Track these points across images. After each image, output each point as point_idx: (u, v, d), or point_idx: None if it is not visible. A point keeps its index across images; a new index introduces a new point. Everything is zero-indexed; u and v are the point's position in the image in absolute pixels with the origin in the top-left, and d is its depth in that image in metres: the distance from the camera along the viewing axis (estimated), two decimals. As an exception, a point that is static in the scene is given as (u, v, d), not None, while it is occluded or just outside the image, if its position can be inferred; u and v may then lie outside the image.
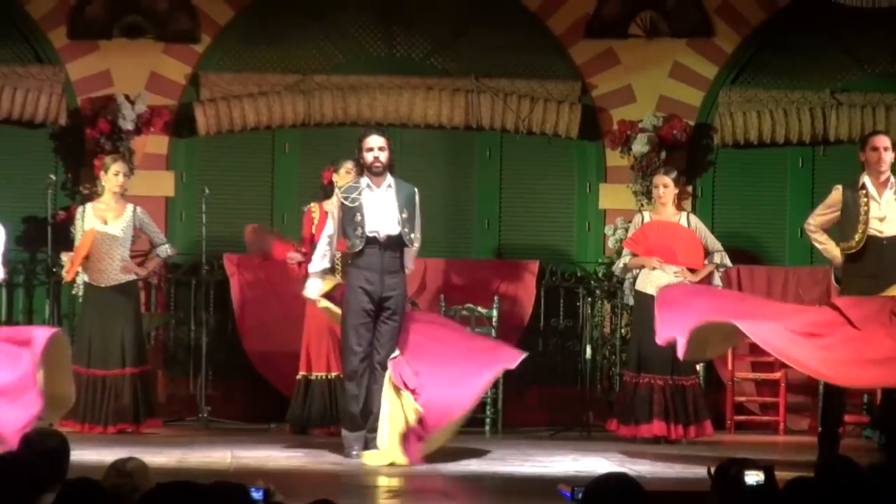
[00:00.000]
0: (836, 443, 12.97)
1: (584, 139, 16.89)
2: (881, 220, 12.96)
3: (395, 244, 13.14)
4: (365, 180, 13.10)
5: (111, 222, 14.66)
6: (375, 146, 13.14)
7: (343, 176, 14.21)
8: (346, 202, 13.08)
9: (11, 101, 16.44)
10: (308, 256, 14.46)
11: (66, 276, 14.75)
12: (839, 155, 16.21)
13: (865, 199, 12.90)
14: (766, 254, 16.69)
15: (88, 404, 14.43)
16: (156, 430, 14.66)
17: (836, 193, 13.06)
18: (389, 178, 13.21)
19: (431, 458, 13.32)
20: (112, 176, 14.72)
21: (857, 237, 12.88)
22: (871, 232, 12.95)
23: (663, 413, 14.74)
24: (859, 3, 14.51)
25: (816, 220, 13.25)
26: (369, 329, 13.00)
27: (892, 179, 13.09)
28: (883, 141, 13.06)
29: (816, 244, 13.22)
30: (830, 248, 13.09)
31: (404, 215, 13.07)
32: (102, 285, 14.60)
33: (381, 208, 13.10)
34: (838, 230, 13.12)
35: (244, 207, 16.74)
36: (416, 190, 13.20)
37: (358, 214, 12.99)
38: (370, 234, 12.97)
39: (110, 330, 14.59)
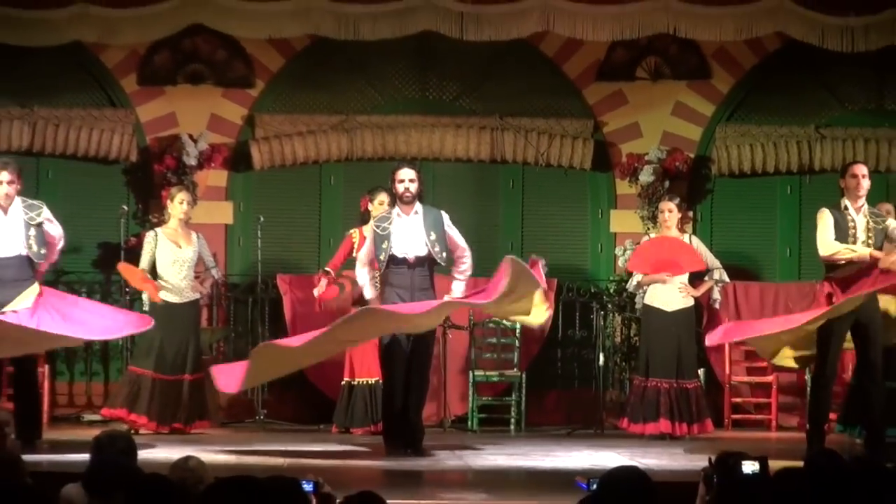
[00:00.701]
0: (823, 438, 13.00)
1: (596, 170, 16.89)
2: (861, 239, 13.02)
3: (424, 263, 13.19)
4: (396, 210, 13.18)
5: (184, 246, 14.71)
6: (406, 178, 13.22)
7: (377, 206, 14.21)
8: (377, 230, 13.19)
9: (88, 140, 16.50)
10: (330, 277, 14.62)
11: (155, 299, 14.71)
12: (823, 183, 16.16)
13: (851, 219, 12.95)
14: (759, 271, 16.66)
15: (153, 403, 14.52)
16: (209, 430, 14.68)
17: (827, 213, 13.04)
18: (417, 206, 13.26)
19: (463, 455, 13.42)
20: (178, 204, 14.74)
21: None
22: None
23: (669, 412, 14.71)
24: (839, 48, 14.53)
25: (830, 239, 13.19)
26: (405, 341, 13.10)
27: (865, 206, 13.15)
28: (862, 169, 13.08)
29: (849, 253, 13.05)
30: (860, 250, 13.02)
31: (432, 237, 13.12)
32: (172, 301, 14.70)
33: (410, 233, 13.15)
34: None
35: (295, 233, 16.80)
36: (443, 213, 13.20)
37: (386, 241, 13.06)
38: (399, 256, 13.07)
39: (177, 340, 14.61)
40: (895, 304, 13.24)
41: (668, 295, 14.75)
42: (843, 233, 12.87)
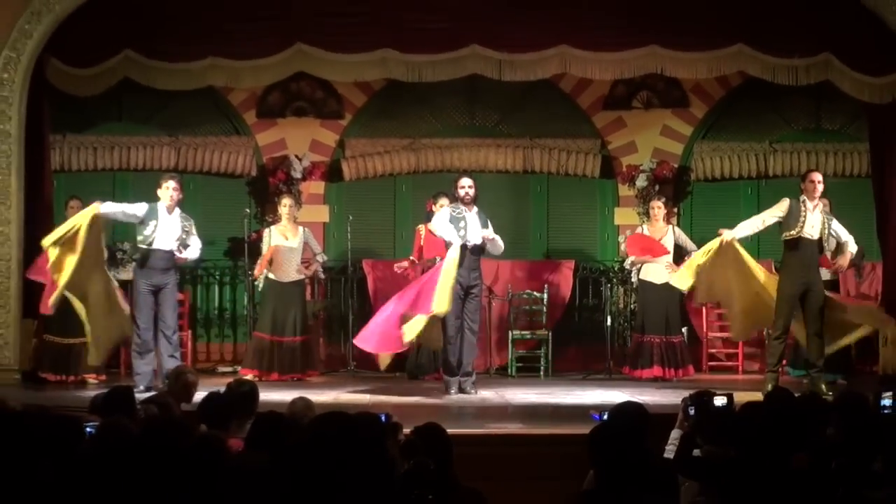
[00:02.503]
0: (777, 378, 12.96)
1: (603, 178, 16.84)
2: (812, 226, 12.98)
3: (478, 250, 13.21)
4: (460, 207, 13.22)
5: (290, 239, 14.77)
6: (466, 185, 13.24)
7: (438, 208, 14.12)
8: (453, 213, 13.17)
9: (219, 160, 16.56)
10: (413, 264, 14.62)
11: (256, 273, 14.87)
12: (776, 187, 16.03)
13: (804, 210, 12.92)
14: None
15: (273, 359, 14.58)
16: (314, 378, 14.70)
17: (786, 202, 13.04)
18: (475, 207, 13.32)
19: (504, 394, 13.42)
20: (284, 207, 14.88)
21: (797, 229, 12.90)
22: (805, 234, 12.96)
23: (660, 361, 14.67)
24: (787, 82, 14.42)
25: (764, 215, 13.29)
26: (460, 305, 13.09)
27: (820, 204, 13.12)
28: (817, 176, 13.13)
29: (749, 223, 13.26)
30: (744, 226, 13.28)
31: (484, 231, 13.20)
32: (283, 281, 14.74)
33: (471, 226, 13.20)
34: (779, 228, 13.11)
35: (375, 229, 16.78)
36: (486, 217, 13.36)
37: (462, 222, 13.11)
38: (464, 242, 13.09)
39: (287, 311, 14.66)
40: None
41: (658, 271, 14.74)
42: (795, 219, 12.92)
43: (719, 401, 7.32)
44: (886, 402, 7.37)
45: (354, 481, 5.12)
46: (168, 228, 13.36)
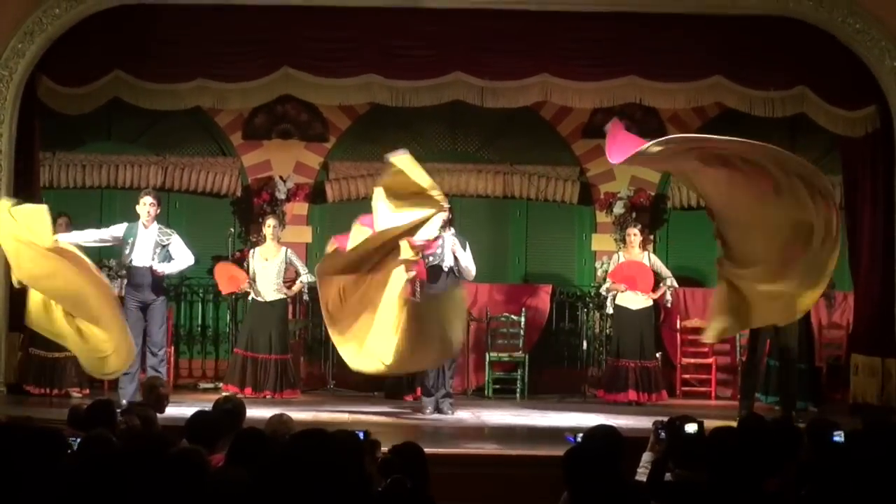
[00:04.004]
0: (751, 405, 12.95)
1: (581, 204, 16.86)
2: None
3: (453, 272, 13.30)
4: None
5: (270, 260, 14.79)
6: None
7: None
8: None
9: (205, 180, 16.58)
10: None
11: (240, 289, 14.87)
12: (750, 215, 16.13)
13: None
14: (703, 279, 16.46)
15: (247, 375, 14.56)
16: (292, 396, 14.63)
17: None
18: (451, 229, 13.31)
19: (480, 415, 13.40)
20: (268, 228, 14.89)
21: None
22: None
23: (635, 385, 14.70)
24: (763, 114, 14.49)
25: None
26: None
27: None
28: None
29: None
30: None
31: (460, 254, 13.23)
32: (263, 300, 14.74)
33: (447, 248, 13.22)
34: None
35: (357, 250, 16.83)
36: (465, 240, 13.43)
37: (440, 240, 13.16)
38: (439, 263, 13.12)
39: (263, 329, 14.66)
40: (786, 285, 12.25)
41: (634, 297, 14.80)
42: None
43: (690, 427, 7.32)
44: (837, 438, 7.35)
45: (332, 497, 5.13)
46: (145, 244, 13.37)
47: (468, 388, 15.63)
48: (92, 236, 13.48)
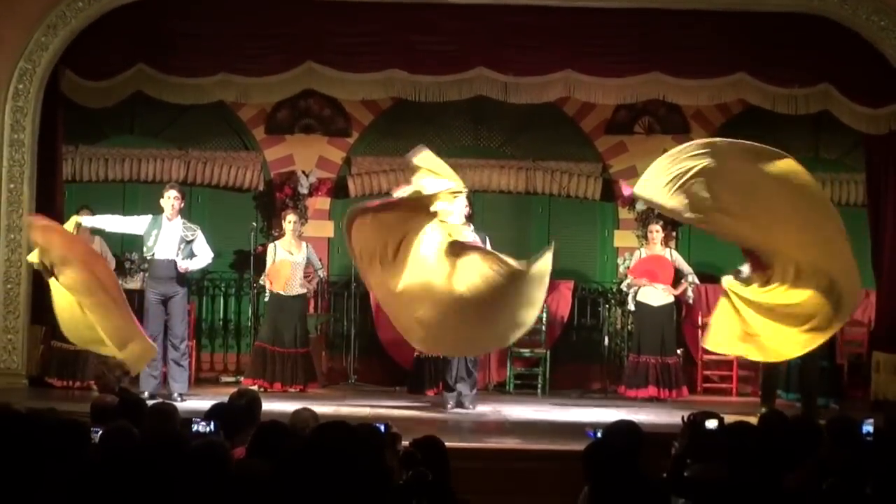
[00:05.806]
0: (773, 402, 12.95)
1: (604, 201, 16.86)
2: None
3: None
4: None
5: (294, 254, 14.81)
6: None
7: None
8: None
9: (228, 174, 16.58)
10: None
11: (272, 288, 14.83)
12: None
13: None
14: (723, 275, 16.57)
15: (274, 369, 14.58)
16: (315, 390, 14.67)
17: None
18: (471, 225, 13.29)
19: (502, 410, 13.41)
20: (288, 224, 14.91)
21: None
22: None
23: (655, 381, 14.70)
24: (786, 111, 14.49)
25: None
26: None
27: None
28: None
29: None
30: None
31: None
32: (286, 294, 14.76)
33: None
34: None
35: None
36: (485, 235, 13.33)
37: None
38: None
39: (287, 323, 14.68)
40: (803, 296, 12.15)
41: (655, 294, 14.80)
42: None
43: (711, 423, 7.32)
44: (868, 428, 7.38)
45: (353, 489, 5.14)
46: (169, 238, 13.44)
47: (489, 384, 15.65)
48: (113, 222, 13.58)
